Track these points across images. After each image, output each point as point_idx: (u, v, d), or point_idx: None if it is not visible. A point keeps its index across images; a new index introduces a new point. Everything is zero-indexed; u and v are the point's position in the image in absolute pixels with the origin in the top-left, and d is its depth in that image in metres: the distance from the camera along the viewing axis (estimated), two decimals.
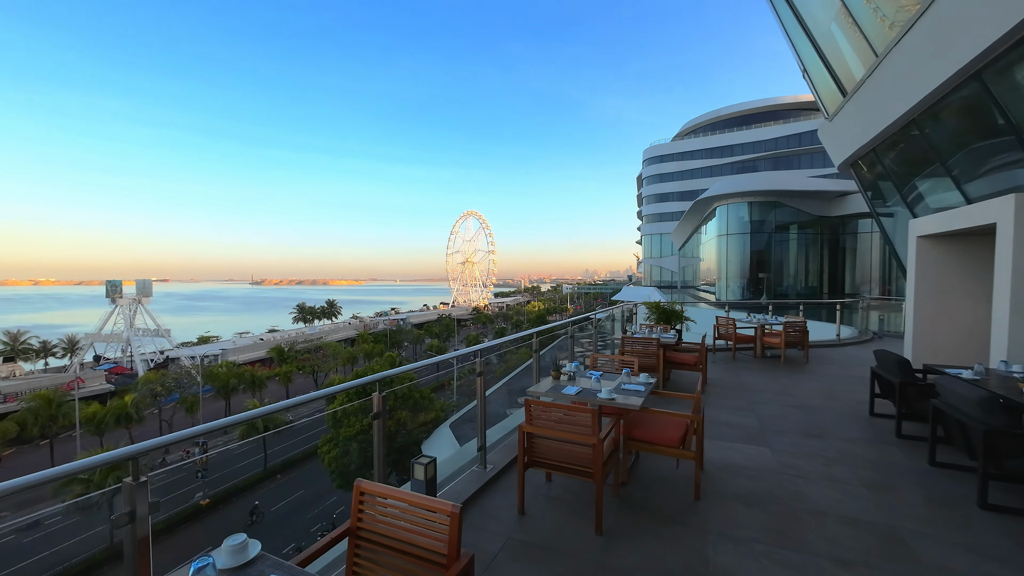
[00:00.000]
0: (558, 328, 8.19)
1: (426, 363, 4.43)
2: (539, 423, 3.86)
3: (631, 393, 4.41)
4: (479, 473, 4.51)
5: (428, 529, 2.13)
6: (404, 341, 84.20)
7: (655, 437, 4.27)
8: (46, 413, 37.51)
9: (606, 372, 5.45)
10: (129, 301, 64.64)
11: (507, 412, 15.17)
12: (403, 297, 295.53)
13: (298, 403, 2.85)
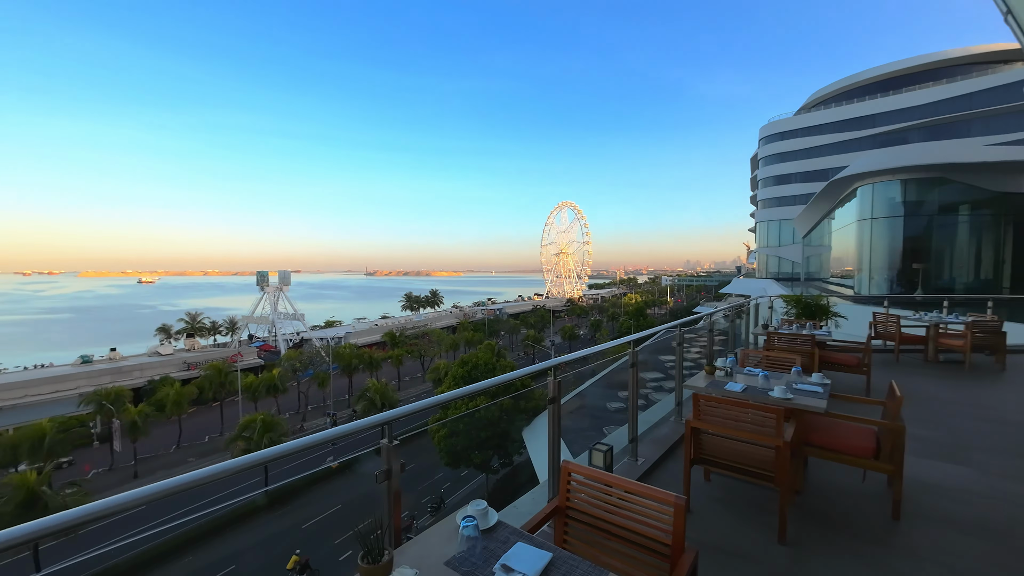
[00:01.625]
0: (693, 321, 7.72)
1: (593, 350, 4.44)
2: (708, 419, 3.65)
3: (808, 394, 3.99)
4: (631, 465, 4.42)
5: (647, 517, 2.11)
6: (501, 330, 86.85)
7: (840, 445, 3.81)
8: (217, 380, 45.52)
9: (755, 370, 5.02)
10: (273, 289, 75.44)
11: (608, 406, 14.88)
12: (498, 288, 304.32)
13: (478, 391, 2.97)
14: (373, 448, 2.28)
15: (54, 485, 24.77)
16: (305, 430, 43.23)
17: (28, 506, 21.46)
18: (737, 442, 3.53)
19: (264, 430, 30.68)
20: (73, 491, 24.68)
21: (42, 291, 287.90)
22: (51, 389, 46.03)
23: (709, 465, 3.74)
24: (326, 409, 47.90)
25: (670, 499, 2.04)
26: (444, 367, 46.10)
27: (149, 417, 36.28)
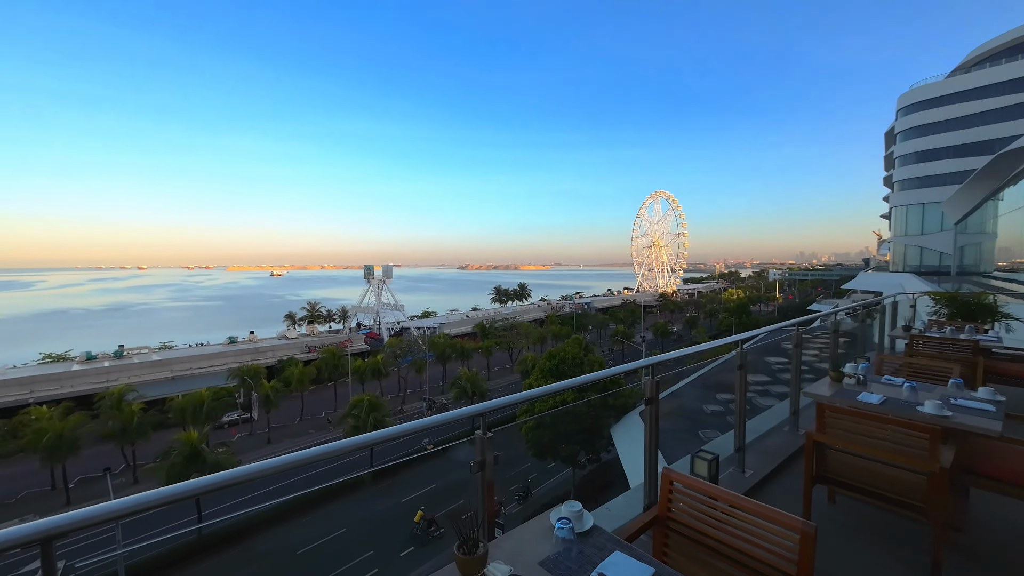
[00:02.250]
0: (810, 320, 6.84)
1: (696, 348, 4.13)
2: (836, 433, 3.17)
3: (975, 412, 3.28)
4: (736, 477, 4.03)
5: (762, 540, 1.86)
6: (589, 325, 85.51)
7: (1018, 476, 3.07)
8: (331, 363, 50.95)
9: (895, 379, 4.25)
10: (378, 281, 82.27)
11: (704, 408, 13.80)
12: (586, 282, 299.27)
13: (576, 385, 2.89)
14: (467, 438, 2.31)
15: (209, 444, 29.70)
16: (404, 412, 46.67)
17: (192, 459, 26.02)
18: (874, 462, 3.02)
19: (370, 410, 33.67)
20: (223, 450, 29.38)
21: (201, 282, 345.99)
22: (207, 364, 55.21)
23: (835, 486, 3.25)
24: (422, 394, 51.21)
25: (796, 524, 1.78)
26: (532, 360, 46.66)
27: (279, 392, 41.84)
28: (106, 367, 50.66)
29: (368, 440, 1.95)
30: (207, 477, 1.58)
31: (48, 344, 71.22)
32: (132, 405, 34.35)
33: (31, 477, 31.99)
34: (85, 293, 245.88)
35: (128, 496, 1.43)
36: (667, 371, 3.28)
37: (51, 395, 43.04)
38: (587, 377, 2.78)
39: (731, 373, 4.22)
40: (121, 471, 33.20)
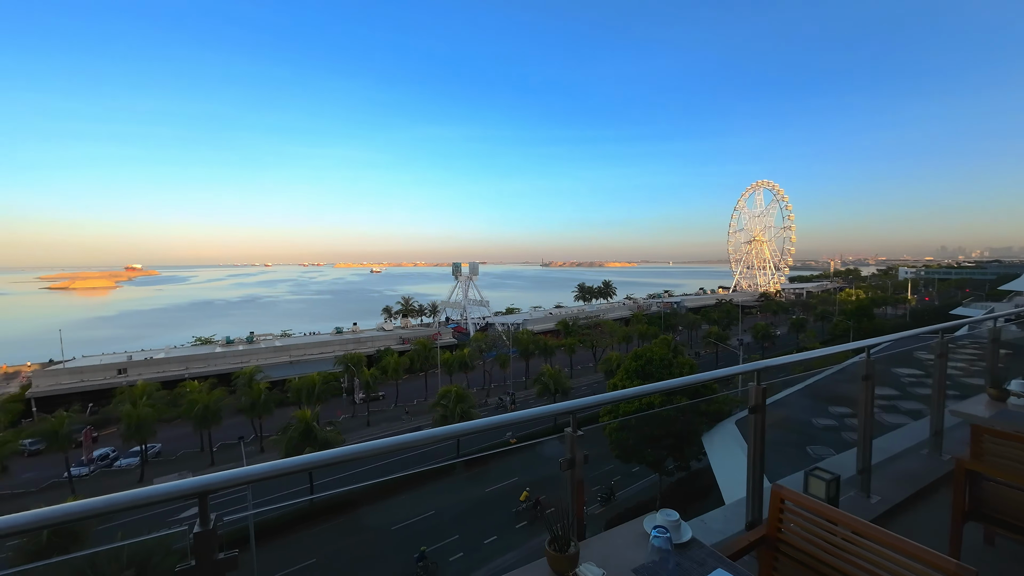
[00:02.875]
0: (955, 327, 5.79)
1: (815, 353, 3.71)
2: (997, 462, 2.64)
3: None
4: (860, 502, 3.54)
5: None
6: (678, 325, 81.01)
7: None
8: (423, 355, 54.19)
9: None
10: (465, 278, 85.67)
11: (813, 421, 12.29)
12: (676, 280, 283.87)
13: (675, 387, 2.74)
14: (556, 435, 2.30)
15: (319, 422, 33.24)
16: (488, 405, 48.12)
17: (305, 435, 29.36)
18: None
19: (457, 400, 35.26)
20: (331, 429, 32.72)
21: (314, 278, 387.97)
22: (319, 351, 61.79)
23: (996, 525, 2.72)
24: (505, 388, 52.39)
25: (948, 566, 1.51)
26: (616, 359, 45.41)
27: (377, 379, 45.50)
28: (240, 350, 59.05)
29: (458, 430, 2.03)
30: (320, 453, 1.75)
31: (198, 329, 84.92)
32: (259, 384, 39.65)
33: (187, 439, 38.38)
34: (225, 287, 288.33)
35: (261, 464, 1.65)
36: (775, 377, 2.98)
37: (201, 372, 51.24)
38: (686, 379, 2.62)
39: (849, 384, 3.71)
40: (251, 440, 38.42)
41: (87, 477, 33.44)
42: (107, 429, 40.44)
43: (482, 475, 31.48)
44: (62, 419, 31.99)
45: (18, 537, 17.72)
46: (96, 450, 36.12)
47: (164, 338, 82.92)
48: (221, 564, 1.37)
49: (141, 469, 34.05)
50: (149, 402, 35.63)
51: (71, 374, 49.36)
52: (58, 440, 31.16)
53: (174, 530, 1.63)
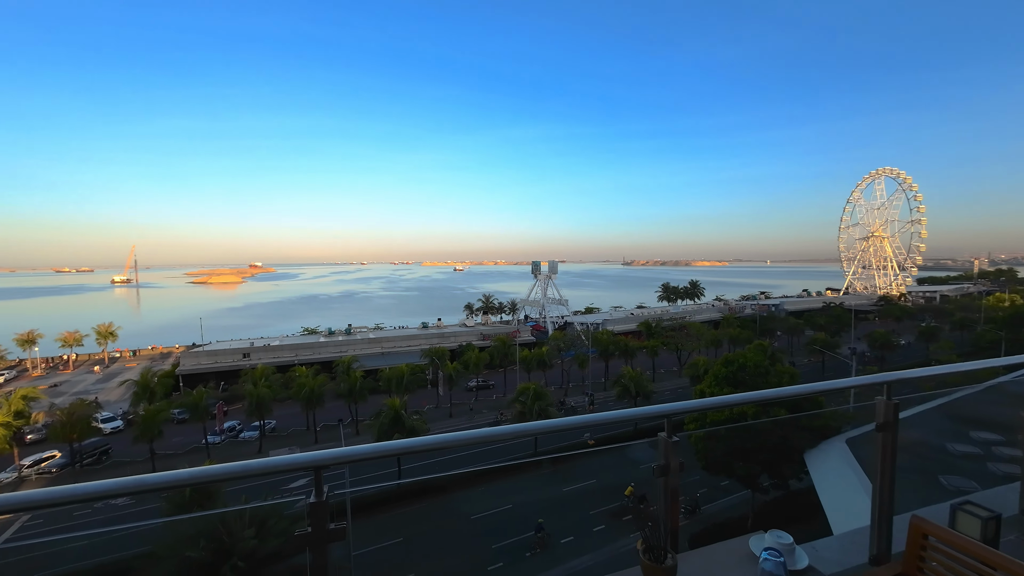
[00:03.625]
0: None
1: (963, 367, 3.15)
2: None
3: None
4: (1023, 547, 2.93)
5: None
6: (776, 329, 73.91)
7: None
8: (502, 351, 55.35)
9: None
10: (544, 277, 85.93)
11: (949, 447, 10.42)
12: (773, 280, 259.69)
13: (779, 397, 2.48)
14: (647, 439, 2.19)
15: (407, 410, 35.42)
16: (566, 404, 47.82)
17: (395, 421, 31.47)
18: None
19: (535, 398, 35.49)
20: (417, 417, 34.66)
21: (404, 276, 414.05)
22: (406, 344, 65.85)
23: None
24: (584, 388, 51.65)
25: None
26: (703, 364, 42.65)
27: (459, 372, 47.35)
28: (340, 341, 64.88)
29: (538, 428, 2.01)
30: (415, 440, 1.84)
31: (306, 320, 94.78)
32: (356, 372, 43.26)
33: (296, 418, 43.02)
34: (328, 283, 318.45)
35: (367, 444, 1.77)
36: (910, 392, 2.57)
37: (308, 359, 57.16)
38: (797, 389, 2.36)
39: (999, 406, 3.09)
40: (348, 423, 42.04)
41: (219, 445, 38.92)
42: (235, 405, 46.71)
43: (559, 475, 31.38)
44: (201, 394, 37.62)
45: (168, 491, 21.09)
46: (226, 422, 41.93)
47: (279, 327, 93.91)
48: (332, 533, 1.50)
49: (260, 441, 38.88)
50: (267, 383, 40.55)
51: (208, 356, 57.80)
52: (198, 412, 36.69)
53: (295, 498, 1.85)
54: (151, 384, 39.48)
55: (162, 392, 40.87)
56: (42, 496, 1.50)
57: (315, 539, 1.46)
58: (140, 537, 21.46)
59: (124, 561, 19.73)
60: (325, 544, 1.48)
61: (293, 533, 1.52)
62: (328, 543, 1.48)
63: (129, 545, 21.94)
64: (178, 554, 13.73)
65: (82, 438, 33.89)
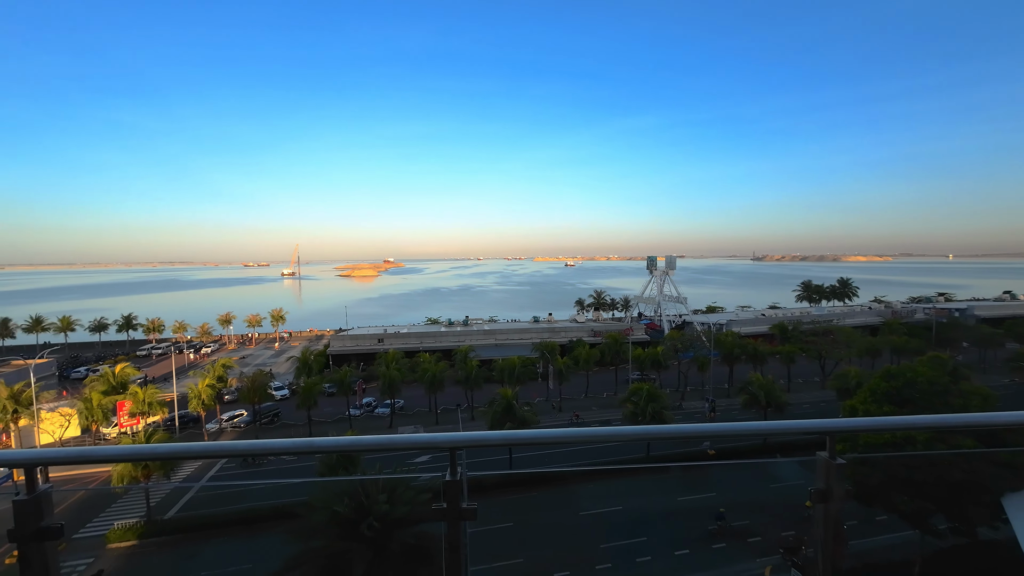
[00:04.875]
0: None
1: None
2: None
3: None
4: None
5: None
6: (961, 340, 59.97)
7: None
8: (613, 348, 53.96)
9: None
10: (660, 273, 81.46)
11: None
12: (957, 279, 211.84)
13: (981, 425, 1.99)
14: (799, 457, 1.95)
15: (517, 401, 36.60)
16: (683, 409, 44.88)
17: (507, 410, 32.78)
18: None
19: (648, 399, 33.91)
20: (527, 409, 35.62)
21: (516, 271, 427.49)
22: (518, 337, 67.92)
23: None
24: (704, 393, 47.87)
25: None
26: (855, 375, 36.40)
27: (569, 367, 47.43)
28: (458, 331, 69.52)
29: (655, 432, 1.91)
30: (532, 431, 1.89)
31: (429, 311, 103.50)
32: (472, 361, 45.97)
33: (420, 400, 47.27)
34: (448, 277, 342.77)
35: (502, 431, 1.87)
36: None
37: (430, 347, 62.32)
38: (999, 417, 1.89)
39: None
40: (465, 408, 44.89)
41: (359, 417, 44.58)
42: (371, 384, 53.06)
43: (674, 482, 29.66)
44: (346, 373, 43.47)
45: (321, 454, 24.78)
46: (364, 398, 47.85)
47: (407, 316, 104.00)
48: (465, 512, 1.62)
49: (391, 418, 43.61)
50: (397, 367, 45.23)
51: (351, 340, 66.45)
52: (343, 387, 42.49)
53: (433, 475, 2.02)
54: (309, 361, 46.78)
55: (317, 368, 48.11)
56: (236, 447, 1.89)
57: (450, 514, 1.60)
58: (301, 488, 25.65)
59: (289, 506, 23.83)
60: (459, 520, 1.62)
61: (424, 504, 1.68)
62: (461, 520, 1.61)
63: (292, 494, 26.37)
64: (329, 507, 16.08)
65: (260, 401, 41.64)
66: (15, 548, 6.22)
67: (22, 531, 1.56)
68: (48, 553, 1.61)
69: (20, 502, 1.57)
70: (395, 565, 15.67)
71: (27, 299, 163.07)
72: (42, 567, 1.61)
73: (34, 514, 1.59)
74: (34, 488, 1.61)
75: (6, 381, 38.11)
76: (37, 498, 1.59)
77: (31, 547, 1.58)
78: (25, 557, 1.58)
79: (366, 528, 15.64)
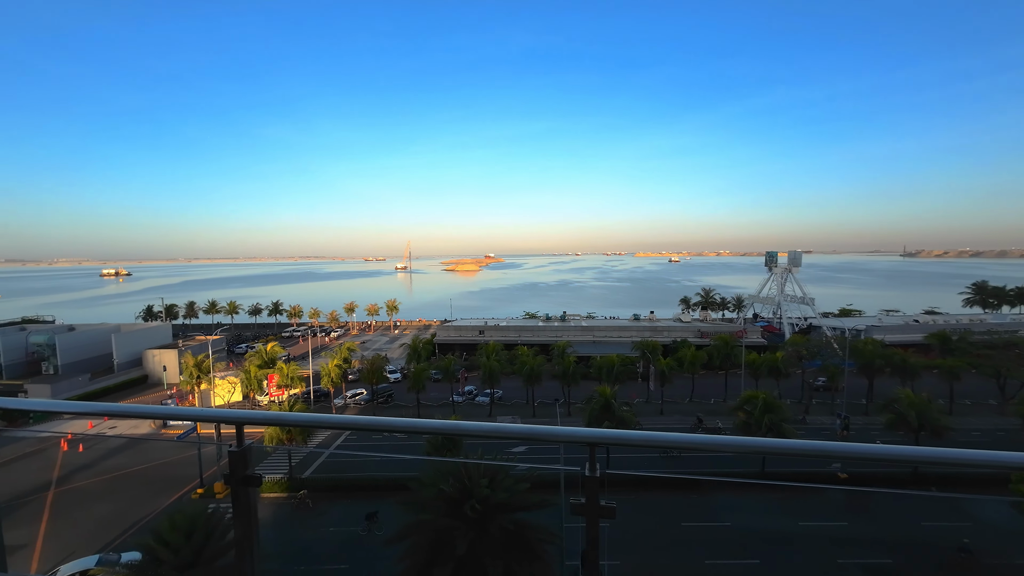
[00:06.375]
0: None
1: None
2: None
3: None
4: None
5: None
6: None
7: None
8: (723, 351, 49.74)
9: None
10: (781, 270, 73.00)
11: None
12: None
13: None
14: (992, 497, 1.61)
15: (616, 400, 35.62)
16: (807, 424, 39.90)
17: (605, 409, 32.11)
18: None
19: (764, 409, 30.71)
20: (627, 409, 34.51)
21: (615, 267, 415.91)
22: (618, 334, 66.04)
23: None
24: (835, 408, 41.94)
25: None
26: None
27: (672, 369, 44.90)
28: (555, 326, 69.74)
29: (774, 447, 1.69)
30: (670, 434, 1.80)
31: (527, 305, 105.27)
32: (569, 357, 45.81)
33: (518, 391, 48.38)
34: (546, 272, 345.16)
35: (630, 431, 1.83)
36: None
37: (528, 340, 63.50)
38: None
39: None
40: (562, 404, 44.98)
41: (460, 404, 47.13)
42: (472, 373, 55.73)
43: (794, 504, 26.55)
44: (450, 361, 46.23)
45: (428, 436, 26.68)
46: (466, 386, 50.44)
47: (506, 310, 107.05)
48: (604, 510, 1.62)
49: (490, 407, 45.40)
50: (496, 358, 46.86)
51: (455, 330, 70.43)
52: (448, 375, 45.25)
53: (567, 468, 2.06)
54: (418, 349, 50.62)
55: (425, 355, 51.88)
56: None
57: (590, 510, 1.61)
58: (410, 464, 27.96)
59: (401, 480, 26.13)
60: (597, 517, 1.61)
61: (523, 493, 1.69)
62: (600, 517, 1.61)
63: (402, 469, 28.85)
64: (436, 485, 17.29)
65: (377, 383, 46.16)
66: (199, 486, 7.72)
67: (235, 477, 1.92)
68: (252, 496, 1.96)
69: (234, 453, 1.93)
70: (493, 548, 16.32)
71: (204, 288, 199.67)
72: (247, 507, 1.96)
73: (241, 464, 1.94)
74: (242, 442, 1.97)
75: (192, 353, 47.51)
76: (245, 451, 1.95)
77: (240, 490, 1.94)
78: (237, 497, 1.94)
79: (469, 509, 16.51)
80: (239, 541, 1.97)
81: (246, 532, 1.96)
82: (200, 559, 15.43)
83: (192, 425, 36.40)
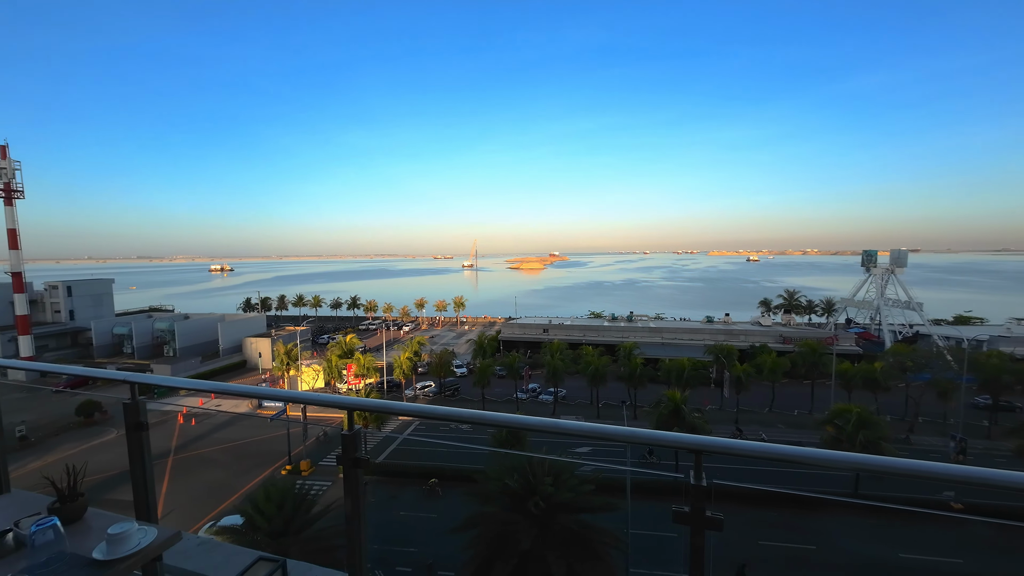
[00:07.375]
0: None
1: None
2: None
3: None
4: None
5: None
6: None
7: None
8: (809, 359, 45.59)
9: None
10: (882, 271, 65.36)
11: None
12: None
13: None
14: None
15: (687, 405, 33.98)
16: (912, 445, 35.50)
17: (674, 414, 30.75)
18: None
19: (859, 425, 27.73)
20: (698, 416, 32.80)
21: (687, 266, 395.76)
22: (688, 337, 62.94)
23: None
24: (948, 428, 36.86)
25: None
26: None
27: (750, 376, 41.96)
28: (622, 327, 67.92)
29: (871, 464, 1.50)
30: (783, 447, 1.68)
31: (592, 304, 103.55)
32: (636, 359, 44.43)
33: (582, 391, 47.82)
34: (612, 271, 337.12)
35: (738, 440, 1.75)
36: None
37: (593, 340, 62.45)
38: None
39: None
40: (628, 406, 43.79)
41: (524, 401, 47.50)
42: (536, 371, 55.94)
43: (895, 530, 23.72)
44: (514, 358, 46.75)
45: (527, 432, 27.13)
46: (530, 384, 50.73)
47: (570, 309, 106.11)
48: (710, 521, 1.55)
49: (554, 406, 45.30)
50: (560, 357, 46.64)
51: (519, 328, 71.04)
52: (512, 371, 45.79)
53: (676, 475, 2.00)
54: (484, 345, 51.71)
55: (490, 352, 52.86)
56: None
57: (695, 520, 1.55)
58: (476, 456, 28.68)
59: (466, 471, 26.89)
60: (703, 528, 1.55)
61: (587, 494, 1.65)
62: (705, 528, 1.55)
63: (468, 460, 29.67)
64: (501, 479, 17.59)
65: (444, 376, 47.82)
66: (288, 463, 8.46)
67: (347, 458, 2.09)
68: (360, 477, 2.13)
69: (346, 436, 2.11)
70: (556, 547, 16.28)
71: (292, 283, 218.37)
72: (356, 486, 2.13)
73: (352, 446, 2.11)
74: (352, 426, 2.14)
75: (283, 342, 52.29)
76: (355, 434, 2.12)
77: (351, 471, 2.11)
78: (348, 478, 2.12)
79: (533, 505, 16.62)
80: (349, 517, 2.15)
81: (355, 509, 2.13)
82: (289, 528, 17.00)
83: (282, 407, 40.02)
